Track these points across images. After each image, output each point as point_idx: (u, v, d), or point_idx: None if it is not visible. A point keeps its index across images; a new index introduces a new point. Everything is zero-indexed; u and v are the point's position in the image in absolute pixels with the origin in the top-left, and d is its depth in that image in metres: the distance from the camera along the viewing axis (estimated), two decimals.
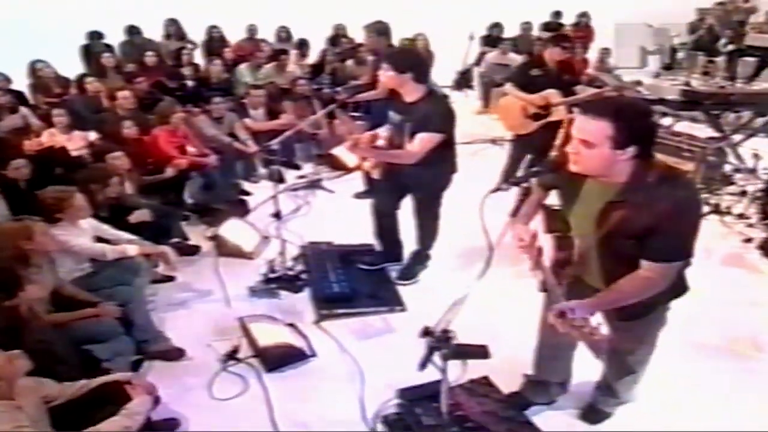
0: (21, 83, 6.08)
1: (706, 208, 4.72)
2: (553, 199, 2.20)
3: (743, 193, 4.83)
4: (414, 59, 3.26)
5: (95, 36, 7.48)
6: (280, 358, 2.95)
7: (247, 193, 5.26)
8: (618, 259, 1.90)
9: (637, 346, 2.24)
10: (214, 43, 7.77)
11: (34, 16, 10.87)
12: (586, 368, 2.62)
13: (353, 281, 3.63)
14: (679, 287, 1.98)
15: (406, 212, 3.76)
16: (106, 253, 3.18)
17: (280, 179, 5.62)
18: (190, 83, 6.62)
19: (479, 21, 9.14)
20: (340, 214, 4.85)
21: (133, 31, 7.80)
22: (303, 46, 7.91)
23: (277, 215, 3.76)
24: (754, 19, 8.43)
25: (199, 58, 7.66)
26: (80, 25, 7.82)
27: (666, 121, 5.04)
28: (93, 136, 4.89)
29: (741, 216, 4.58)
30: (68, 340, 2.70)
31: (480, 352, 3.12)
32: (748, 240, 4.26)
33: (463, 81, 8.69)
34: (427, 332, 1.75)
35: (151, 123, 4.99)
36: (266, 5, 8.81)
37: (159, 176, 4.55)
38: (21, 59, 6.25)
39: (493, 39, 8.78)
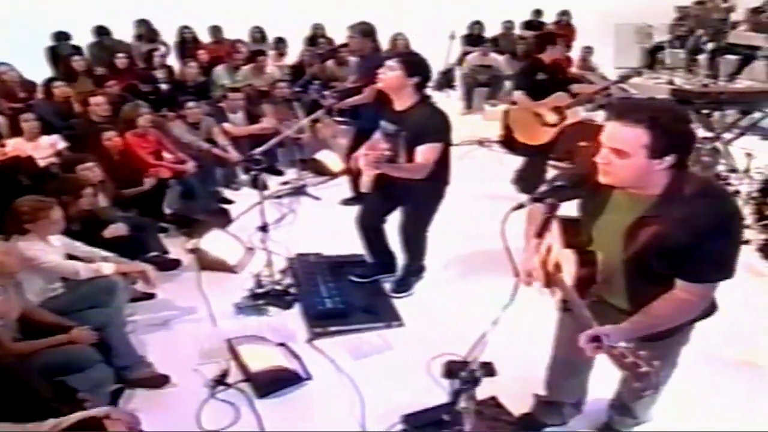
0: None
1: None
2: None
3: (736, 194, 4.77)
4: (426, 66, 3.08)
5: (62, 37, 7.14)
6: (272, 383, 2.74)
7: (229, 201, 5.02)
8: (648, 279, 1.74)
9: (658, 366, 2.09)
10: (187, 45, 7.49)
11: None
12: (598, 385, 2.47)
13: (346, 295, 3.44)
14: (710, 306, 1.84)
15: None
16: (80, 272, 2.93)
17: (263, 186, 5.38)
18: (164, 86, 6.34)
19: (460, 20, 9.02)
20: (328, 223, 4.65)
21: (101, 32, 7.47)
22: (280, 44, 7.68)
23: (263, 228, 3.54)
24: (736, 17, 8.47)
25: (172, 60, 7.37)
26: (46, 25, 7.47)
27: None
28: (62, 144, 4.60)
29: None
30: (38, 370, 2.45)
31: (486, 370, 2.99)
32: (745, 242, 4.18)
33: (445, 81, 8.55)
34: (451, 372, 1.56)
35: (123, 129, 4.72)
36: (239, 4, 8.52)
37: (138, 189, 4.29)
38: None
39: (474, 38, 8.66)
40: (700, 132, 5.13)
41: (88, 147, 4.31)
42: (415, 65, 2.99)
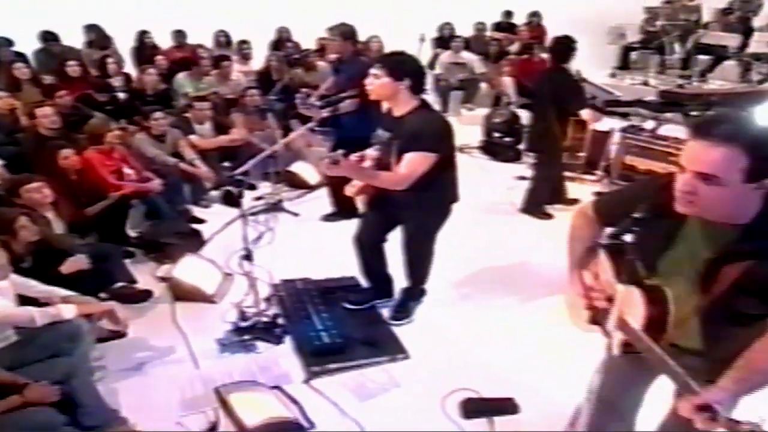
0: None
1: None
2: None
3: None
4: (413, 64, 2.77)
5: (3, 43, 6.54)
6: None
7: (199, 221, 4.61)
8: (730, 319, 1.49)
9: None
10: (145, 50, 6.99)
11: None
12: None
13: (342, 326, 3.10)
14: None
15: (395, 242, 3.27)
16: (35, 318, 2.50)
17: (236, 202, 4.99)
18: (121, 95, 5.85)
19: (429, 22, 8.79)
20: (309, 241, 4.31)
21: (48, 37, 6.89)
22: (244, 47, 7.27)
23: (247, 257, 3.17)
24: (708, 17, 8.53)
25: (129, 67, 6.87)
26: None
27: (649, 124, 4.82)
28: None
29: None
30: None
31: (507, 406, 2.71)
32: None
33: None
34: (469, 411, 1.27)
35: (81, 144, 4.26)
36: (201, 7, 8.06)
37: (102, 204, 3.85)
38: None
39: (445, 40, 8.45)
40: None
41: (36, 164, 3.85)
42: (400, 67, 2.69)
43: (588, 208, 1.86)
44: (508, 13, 9.04)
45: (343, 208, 4.66)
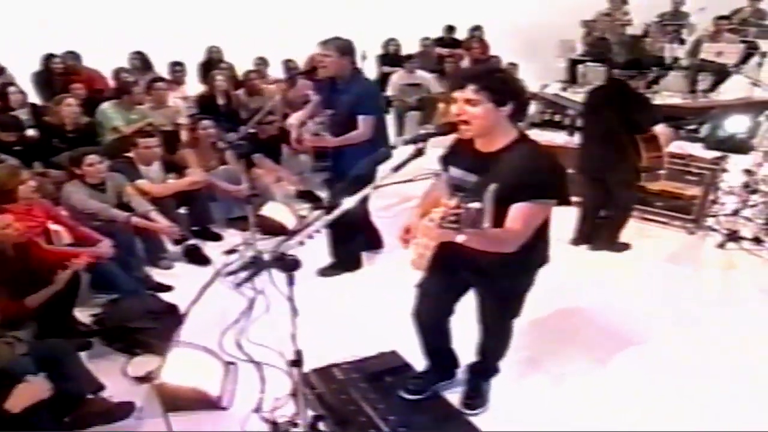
0: None
1: (718, 237, 4.28)
2: None
3: (735, 213, 4.48)
4: (515, 83, 2.12)
5: None
6: None
7: (165, 288, 3.67)
8: None
9: None
10: (55, 76, 5.80)
11: None
12: None
13: (410, 425, 2.40)
14: None
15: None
16: None
17: (204, 259, 4.09)
18: (31, 132, 4.72)
19: (367, 38, 8.23)
20: (311, 304, 3.51)
21: None
22: (177, 70, 6.30)
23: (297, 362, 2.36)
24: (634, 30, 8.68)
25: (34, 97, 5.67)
26: None
27: None
28: None
29: (757, 240, 4.18)
30: None
31: None
32: None
33: None
34: None
35: None
36: (111, 27, 7.00)
37: (46, 292, 2.86)
38: None
39: (390, 57, 7.93)
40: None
41: None
42: (504, 88, 2.02)
43: None
44: (450, 28, 8.68)
45: (344, 259, 3.93)
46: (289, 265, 2.08)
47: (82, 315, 3.26)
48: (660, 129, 3.68)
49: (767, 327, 3.30)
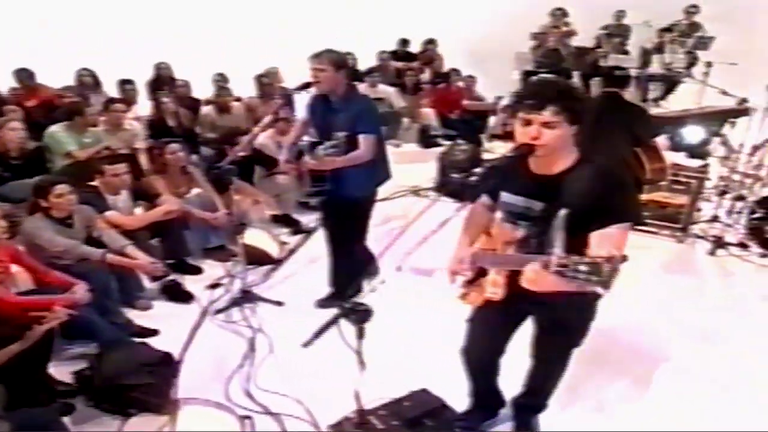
0: None
1: (707, 244, 4.35)
2: None
3: (715, 219, 4.59)
4: (582, 99, 1.98)
5: None
6: None
7: (150, 333, 3.27)
8: None
9: None
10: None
11: None
12: None
13: None
14: None
15: None
16: None
17: (185, 296, 3.70)
18: None
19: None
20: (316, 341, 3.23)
21: None
22: (127, 88, 5.83)
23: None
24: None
25: None
26: None
27: None
28: None
29: (742, 246, 4.28)
30: None
31: None
32: None
33: None
34: None
35: None
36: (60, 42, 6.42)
37: (6, 352, 2.43)
38: None
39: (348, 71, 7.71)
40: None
41: None
42: (578, 106, 1.85)
43: None
44: (405, 42, 8.59)
45: (344, 288, 3.65)
46: (360, 317, 1.83)
47: (59, 372, 2.82)
48: (659, 140, 3.69)
49: None
